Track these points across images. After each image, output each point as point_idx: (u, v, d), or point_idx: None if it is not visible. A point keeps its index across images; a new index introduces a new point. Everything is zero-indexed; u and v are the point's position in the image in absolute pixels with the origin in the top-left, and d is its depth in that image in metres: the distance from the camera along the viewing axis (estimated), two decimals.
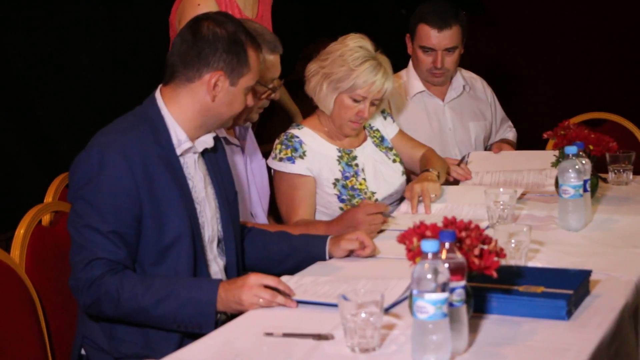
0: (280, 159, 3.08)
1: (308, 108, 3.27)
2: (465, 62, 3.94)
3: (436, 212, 3.02)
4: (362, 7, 6.17)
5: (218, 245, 2.50)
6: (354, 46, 3.07)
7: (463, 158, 3.67)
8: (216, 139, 2.51)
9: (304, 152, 3.09)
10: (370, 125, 3.32)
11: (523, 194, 3.18)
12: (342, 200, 3.11)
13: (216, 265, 2.48)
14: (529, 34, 6.14)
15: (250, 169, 3.05)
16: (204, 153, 2.49)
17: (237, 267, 2.53)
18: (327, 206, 3.12)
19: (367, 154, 3.24)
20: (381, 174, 3.23)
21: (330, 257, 2.59)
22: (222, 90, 2.38)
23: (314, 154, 3.11)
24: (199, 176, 2.45)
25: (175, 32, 3.07)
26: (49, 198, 2.69)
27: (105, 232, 2.25)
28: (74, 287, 2.28)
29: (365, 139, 3.26)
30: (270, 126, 3.52)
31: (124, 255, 2.28)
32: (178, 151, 2.39)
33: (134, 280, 2.25)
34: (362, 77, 3.03)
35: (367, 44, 3.11)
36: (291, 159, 3.08)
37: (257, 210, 3.05)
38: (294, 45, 3.17)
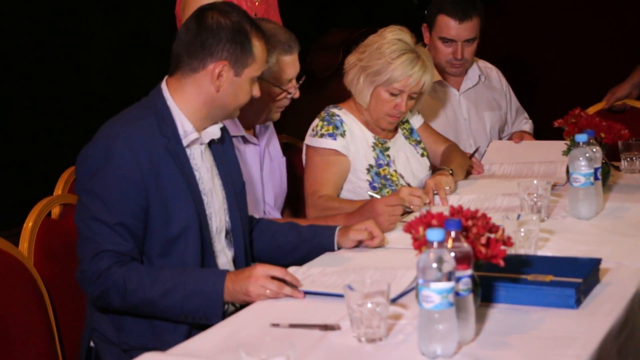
0: (322, 135, 3.08)
1: (321, 100, 3.25)
2: (479, 52, 3.92)
3: (468, 203, 2.98)
4: None
5: (226, 236, 2.50)
6: (392, 39, 3.07)
7: (476, 150, 3.65)
8: (223, 129, 2.50)
9: (344, 131, 3.11)
10: None
11: (554, 185, 3.09)
12: (373, 188, 3.11)
13: (224, 257, 2.48)
14: (543, 22, 6.10)
15: (269, 169, 3.03)
16: (211, 144, 2.48)
17: (246, 258, 2.52)
18: (357, 192, 3.11)
19: (398, 146, 3.24)
20: (410, 167, 3.24)
21: (339, 248, 2.58)
22: (226, 81, 2.37)
23: (352, 136, 3.12)
24: (206, 167, 2.44)
25: (181, 22, 3.06)
26: (58, 191, 2.69)
27: (112, 224, 2.25)
28: (81, 279, 2.28)
29: (397, 131, 3.27)
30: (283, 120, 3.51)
31: (131, 247, 2.27)
32: (184, 142, 2.38)
33: (141, 272, 2.25)
34: (398, 70, 3.02)
35: (406, 36, 3.09)
36: (332, 135, 3.08)
37: (270, 209, 3.04)
38: (304, 36, 3.16)
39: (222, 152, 2.53)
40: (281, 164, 3.10)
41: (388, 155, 3.18)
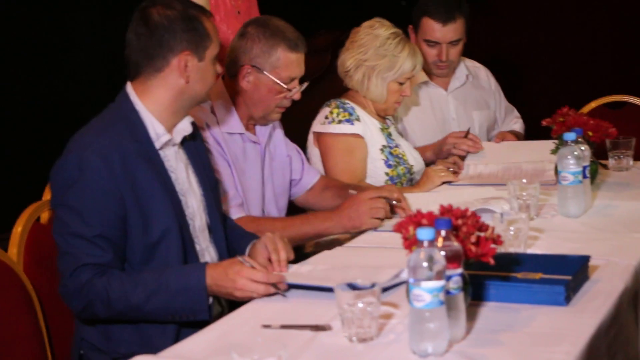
0: (339, 122, 3.24)
1: (311, 102, 3.26)
2: (467, 53, 3.93)
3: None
4: None
5: (210, 234, 2.49)
6: (388, 34, 3.29)
7: (468, 131, 3.64)
8: (193, 125, 2.49)
9: (358, 117, 3.28)
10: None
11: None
12: (389, 166, 3.32)
13: (208, 255, 2.47)
14: (531, 21, 6.11)
15: (270, 168, 3.03)
16: (183, 142, 2.46)
17: (228, 254, 2.50)
18: (373, 172, 3.30)
19: (396, 134, 3.46)
20: (411, 150, 3.46)
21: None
22: (192, 69, 2.36)
23: (364, 120, 3.31)
24: (181, 167, 2.43)
25: None
26: (46, 196, 2.67)
27: (90, 237, 2.23)
28: (64, 294, 2.27)
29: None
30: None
31: (110, 257, 2.26)
32: (157, 145, 2.36)
33: (121, 279, 2.24)
34: (408, 62, 3.27)
35: (393, 27, 3.34)
36: (349, 121, 3.26)
37: (270, 208, 3.03)
38: None
39: (195, 149, 2.51)
40: (284, 164, 3.09)
41: (393, 139, 3.39)
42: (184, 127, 2.43)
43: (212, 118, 2.88)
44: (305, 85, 2.93)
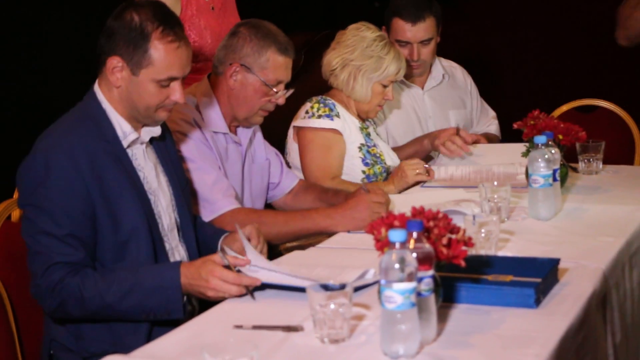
0: (319, 116, 3.30)
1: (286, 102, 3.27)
2: (440, 54, 3.95)
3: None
4: None
5: (179, 233, 2.49)
6: (374, 36, 3.37)
7: (458, 128, 3.67)
8: (164, 127, 2.48)
9: (337, 113, 3.34)
10: None
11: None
12: (366, 164, 3.36)
13: (178, 254, 2.47)
14: (503, 24, 6.13)
15: (250, 169, 3.04)
16: (152, 142, 2.46)
17: (199, 254, 2.51)
18: (350, 169, 3.34)
19: (375, 134, 3.52)
20: (388, 151, 3.51)
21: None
22: (124, 79, 2.33)
23: (344, 117, 3.36)
24: (150, 166, 2.42)
25: None
26: (17, 194, 2.66)
27: (61, 235, 2.22)
28: (36, 294, 2.26)
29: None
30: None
31: (82, 256, 2.25)
32: (124, 143, 2.36)
33: (95, 278, 2.23)
34: (393, 65, 3.35)
35: (378, 30, 3.43)
36: (329, 116, 3.32)
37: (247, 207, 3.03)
38: None
39: (165, 149, 2.51)
40: (263, 168, 3.10)
41: (372, 139, 3.44)
42: (152, 129, 2.42)
43: (197, 115, 2.89)
44: (291, 91, 2.94)
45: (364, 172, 3.35)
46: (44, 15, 4.62)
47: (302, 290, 2.00)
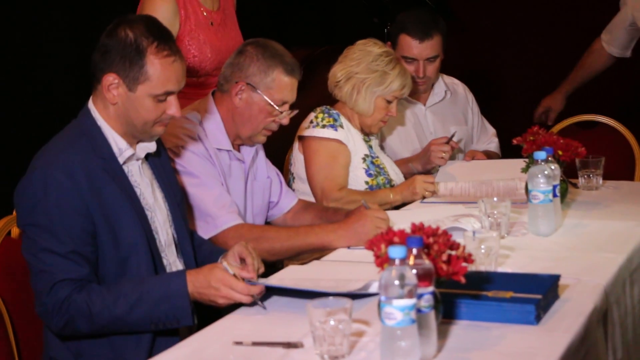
0: (324, 126, 3.33)
1: None
2: (442, 70, 3.96)
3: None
4: (333, 15, 6.18)
5: (176, 248, 2.49)
6: (381, 52, 3.40)
7: (452, 135, 3.68)
8: (158, 143, 2.48)
9: (341, 124, 3.36)
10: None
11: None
12: (369, 175, 3.39)
13: (176, 269, 2.46)
14: (504, 39, 6.13)
15: (251, 187, 3.04)
16: (148, 158, 2.46)
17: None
18: (354, 180, 3.36)
19: (377, 148, 3.55)
20: (391, 165, 3.53)
21: None
22: (120, 95, 2.33)
23: (348, 128, 3.39)
24: (146, 182, 2.43)
25: None
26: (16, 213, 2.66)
27: (64, 253, 2.22)
28: (42, 313, 2.25)
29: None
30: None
31: (86, 271, 2.25)
32: (120, 160, 2.36)
33: (101, 292, 2.23)
34: (397, 81, 3.37)
35: (386, 47, 3.45)
36: (333, 127, 3.35)
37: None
38: None
39: (160, 165, 2.51)
40: (265, 186, 3.10)
41: (375, 152, 3.47)
42: (148, 145, 2.43)
43: (201, 131, 2.89)
44: (295, 112, 2.94)
45: (367, 182, 3.37)
46: (40, 25, 4.63)
47: (312, 294, 2.01)
